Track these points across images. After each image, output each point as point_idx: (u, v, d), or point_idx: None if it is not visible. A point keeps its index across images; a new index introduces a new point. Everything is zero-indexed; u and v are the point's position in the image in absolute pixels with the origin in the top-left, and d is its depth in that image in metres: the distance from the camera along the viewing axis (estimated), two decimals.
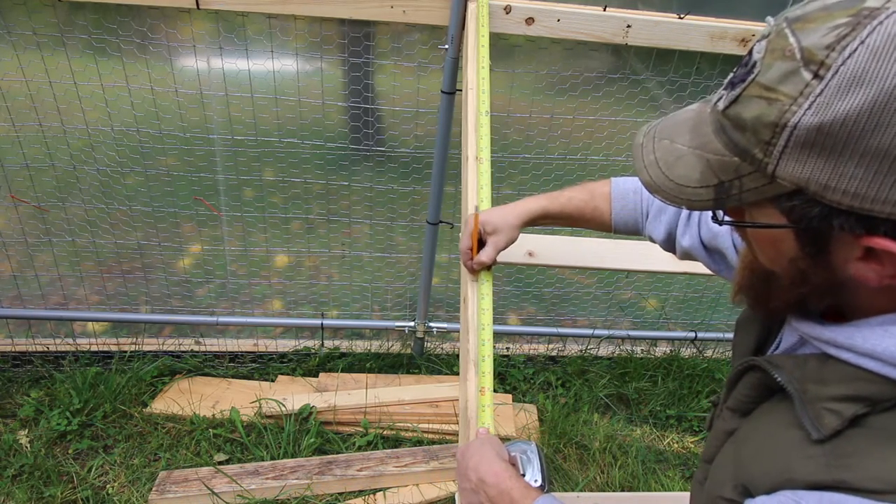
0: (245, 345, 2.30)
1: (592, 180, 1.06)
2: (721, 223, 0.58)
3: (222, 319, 2.20)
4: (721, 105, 0.51)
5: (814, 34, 0.44)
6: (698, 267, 1.48)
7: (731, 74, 0.51)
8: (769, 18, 0.50)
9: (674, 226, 0.95)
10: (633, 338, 2.45)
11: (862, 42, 0.42)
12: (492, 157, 1.35)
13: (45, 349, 2.18)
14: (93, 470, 1.85)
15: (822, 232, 0.49)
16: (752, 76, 0.47)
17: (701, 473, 0.73)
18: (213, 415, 2.04)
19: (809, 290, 0.55)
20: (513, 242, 1.08)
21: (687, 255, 0.95)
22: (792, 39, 0.45)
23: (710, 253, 0.90)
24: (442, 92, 1.71)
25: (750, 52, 0.50)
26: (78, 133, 1.84)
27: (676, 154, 0.55)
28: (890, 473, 0.48)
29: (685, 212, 0.92)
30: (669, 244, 0.97)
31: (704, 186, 0.53)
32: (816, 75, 0.43)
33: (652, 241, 1.00)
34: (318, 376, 2.22)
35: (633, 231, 1.03)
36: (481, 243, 1.09)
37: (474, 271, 1.14)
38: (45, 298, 2.14)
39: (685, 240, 0.92)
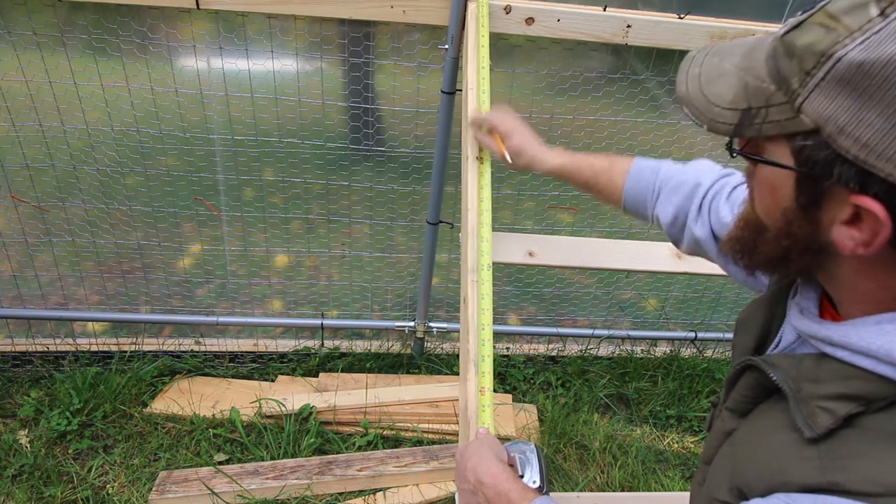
0: (245, 345, 2.30)
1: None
2: (732, 152, 0.57)
3: (222, 319, 2.20)
4: (782, 31, 0.50)
5: None
6: (698, 267, 1.48)
7: (802, 11, 0.52)
8: None
9: (684, 210, 0.93)
10: (633, 338, 2.45)
11: None
12: (492, 157, 1.35)
13: (45, 349, 2.18)
14: (93, 470, 1.85)
15: (819, 182, 0.49)
16: (823, 3, 0.46)
17: (700, 475, 0.72)
18: (213, 415, 2.04)
19: (791, 244, 0.55)
20: (524, 143, 1.12)
21: (695, 246, 0.92)
22: None
23: (719, 243, 0.88)
24: (442, 92, 1.71)
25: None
26: (78, 133, 1.84)
27: (720, 72, 0.55)
28: (883, 475, 0.47)
29: (697, 198, 0.90)
30: (676, 228, 0.95)
31: (732, 109, 0.53)
32: (883, 13, 0.42)
33: (658, 223, 0.99)
34: (318, 376, 2.22)
35: (640, 210, 1.01)
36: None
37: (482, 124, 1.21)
38: (45, 298, 2.14)
39: (697, 228, 0.89)
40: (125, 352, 2.20)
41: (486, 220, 1.27)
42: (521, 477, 0.83)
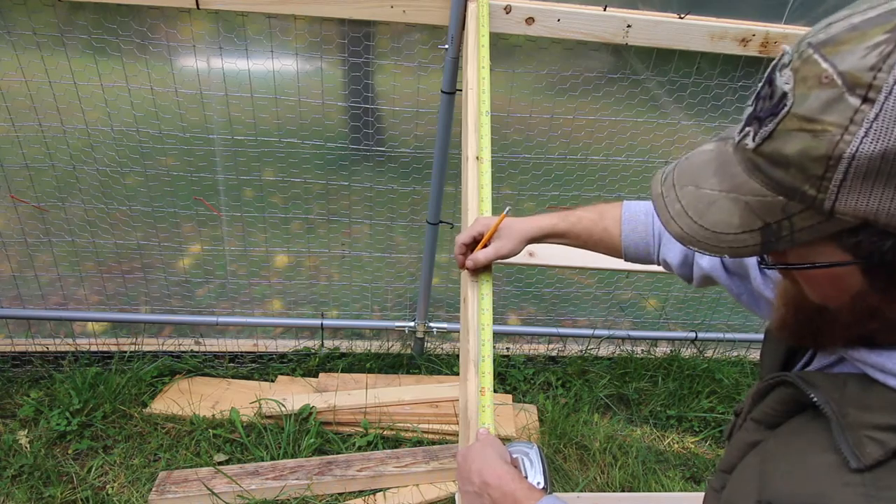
0: (245, 345, 2.30)
1: (607, 202, 1.03)
2: (770, 268, 0.54)
3: (222, 319, 2.20)
4: (751, 142, 0.47)
5: (850, 56, 0.41)
6: None
7: (752, 108, 0.48)
8: (785, 47, 0.47)
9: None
10: (633, 338, 2.45)
11: None
12: (492, 157, 1.35)
13: (45, 349, 2.17)
14: (93, 470, 1.85)
15: (894, 265, 0.45)
16: (786, 108, 0.44)
17: (718, 482, 0.71)
18: (213, 415, 2.04)
19: (881, 325, 0.51)
20: (515, 255, 1.05)
21: (706, 281, 0.90)
22: (825, 65, 0.42)
23: (732, 276, 0.85)
24: (442, 92, 1.71)
25: (770, 83, 0.46)
26: (78, 133, 1.84)
27: (706, 200, 0.51)
28: None
29: None
30: (686, 268, 0.92)
31: (748, 231, 0.49)
32: (866, 99, 0.40)
33: (667, 267, 0.95)
34: (318, 376, 2.22)
35: (644, 257, 0.97)
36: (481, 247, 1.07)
37: (466, 267, 1.11)
38: (45, 298, 2.14)
39: (704, 260, 0.87)
40: (125, 352, 2.19)
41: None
42: (525, 478, 0.83)
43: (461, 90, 1.61)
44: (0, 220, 1.99)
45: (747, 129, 0.49)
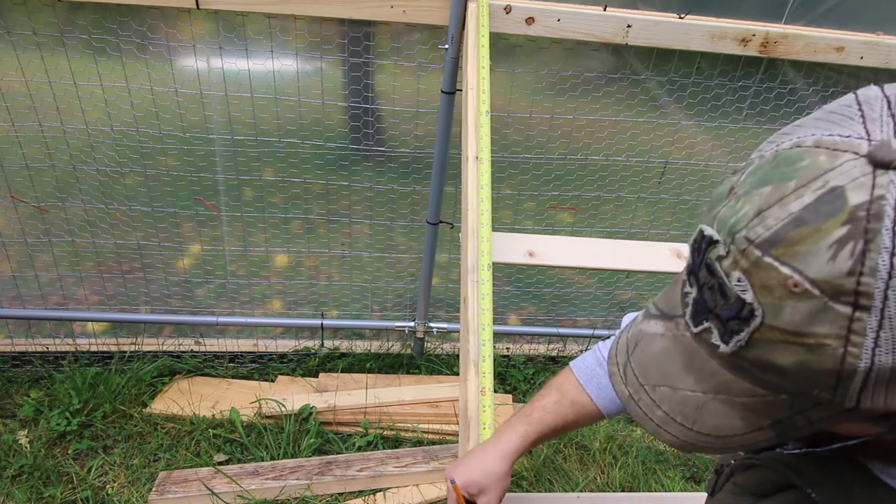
0: (245, 345, 2.30)
1: (552, 376, 0.93)
2: (793, 453, 0.48)
3: (222, 319, 2.20)
4: (724, 347, 0.40)
5: (814, 260, 0.34)
6: None
7: (696, 294, 0.41)
8: (706, 228, 0.40)
9: None
10: None
11: (893, 254, 0.32)
12: (492, 157, 1.35)
13: (45, 349, 2.17)
14: (92, 470, 1.85)
15: None
16: (757, 319, 0.37)
17: None
18: (213, 415, 2.04)
19: None
20: (507, 489, 0.91)
21: None
22: (787, 270, 0.35)
23: None
24: (442, 92, 1.71)
25: (710, 272, 0.39)
26: (78, 133, 1.83)
27: (692, 403, 0.44)
28: None
29: None
30: None
31: (756, 430, 0.42)
32: (857, 306, 0.33)
33: None
34: (318, 376, 2.22)
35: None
36: None
37: None
38: (45, 298, 2.14)
39: None
40: (125, 352, 2.19)
41: (486, 220, 1.27)
42: None
43: (461, 90, 1.61)
44: (0, 220, 1.99)
45: (706, 323, 0.41)
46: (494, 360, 2.45)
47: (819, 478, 0.49)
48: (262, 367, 2.29)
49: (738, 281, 0.37)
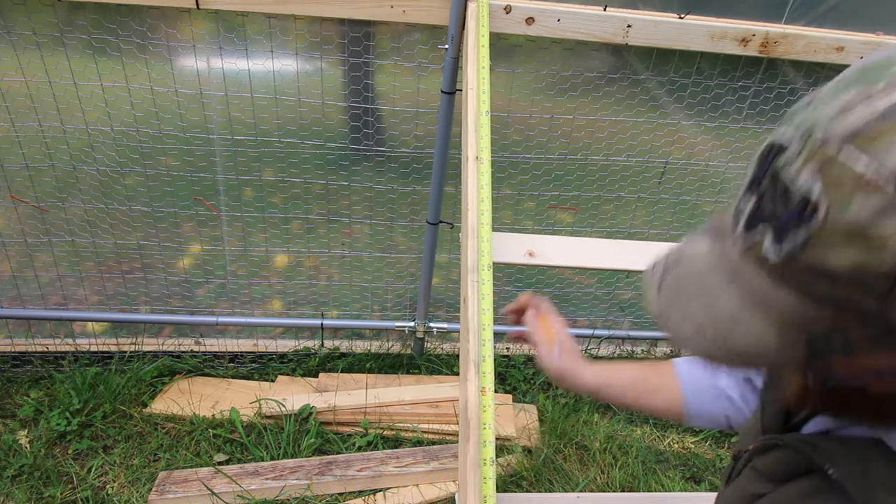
0: (245, 345, 2.30)
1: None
2: (822, 383, 0.47)
3: (222, 319, 2.20)
4: (774, 256, 0.40)
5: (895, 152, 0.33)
6: None
7: (754, 204, 0.41)
8: (780, 134, 0.40)
9: None
10: (633, 338, 2.45)
11: None
12: (492, 157, 1.35)
13: (45, 349, 2.17)
14: (92, 470, 1.85)
15: None
16: (819, 217, 0.36)
17: None
18: (213, 415, 2.04)
19: None
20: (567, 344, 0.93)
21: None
22: (864, 162, 0.34)
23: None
24: (442, 92, 1.71)
25: (774, 178, 0.39)
26: (78, 133, 1.83)
27: (726, 320, 0.44)
28: None
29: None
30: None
31: (789, 348, 0.42)
32: None
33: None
34: (318, 376, 2.22)
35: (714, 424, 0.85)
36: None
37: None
38: (45, 298, 2.14)
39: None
40: (125, 352, 2.19)
41: (487, 220, 1.27)
42: None
43: (461, 90, 1.61)
44: (0, 220, 1.98)
45: (758, 229, 0.41)
46: (495, 360, 2.45)
47: (838, 455, 0.49)
48: (262, 367, 2.29)
49: (806, 180, 0.37)
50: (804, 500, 0.51)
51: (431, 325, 2.27)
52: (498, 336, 2.41)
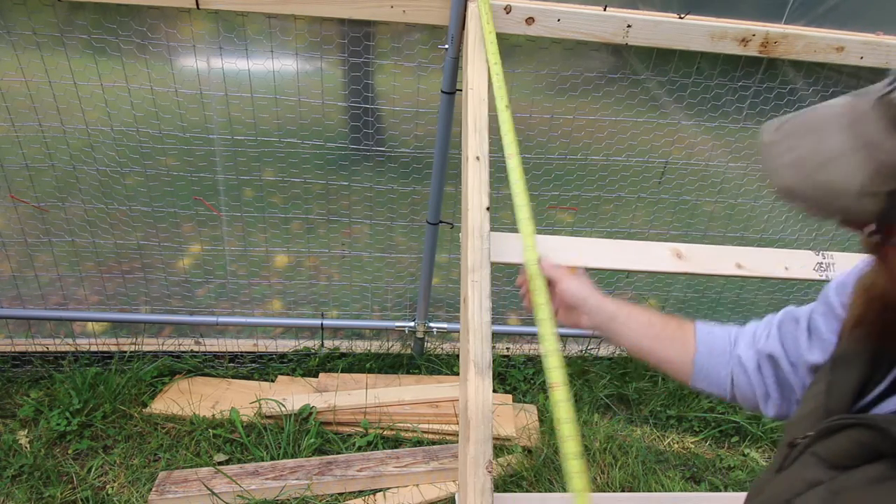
0: (245, 345, 2.30)
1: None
2: (879, 243, 0.48)
3: (222, 319, 2.20)
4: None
5: None
6: (698, 267, 1.48)
7: None
8: None
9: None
10: None
11: None
12: (491, 157, 1.35)
13: (45, 349, 2.17)
14: (92, 470, 1.85)
15: None
16: None
17: None
18: (213, 415, 2.04)
19: None
20: (580, 282, 0.96)
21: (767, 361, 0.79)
22: None
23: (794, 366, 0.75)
24: (442, 92, 1.71)
25: None
26: (78, 133, 1.84)
27: (826, 154, 0.46)
28: None
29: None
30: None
31: (871, 194, 0.45)
32: None
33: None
34: (318, 376, 2.22)
35: (720, 392, 0.85)
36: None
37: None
38: (45, 298, 2.14)
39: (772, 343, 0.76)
40: (125, 352, 2.19)
41: (525, 214, 1.24)
42: None
43: (461, 90, 1.61)
44: (0, 220, 1.99)
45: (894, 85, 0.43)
46: (495, 360, 2.46)
47: None
48: (262, 367, 2.29)
49: None
50: (872, 486, 0.50)
51: (431, 325, 2.27)
52: (498, 336, 2.41)
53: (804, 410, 0.65)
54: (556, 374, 0.94)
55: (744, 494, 0.71)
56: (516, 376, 2.34)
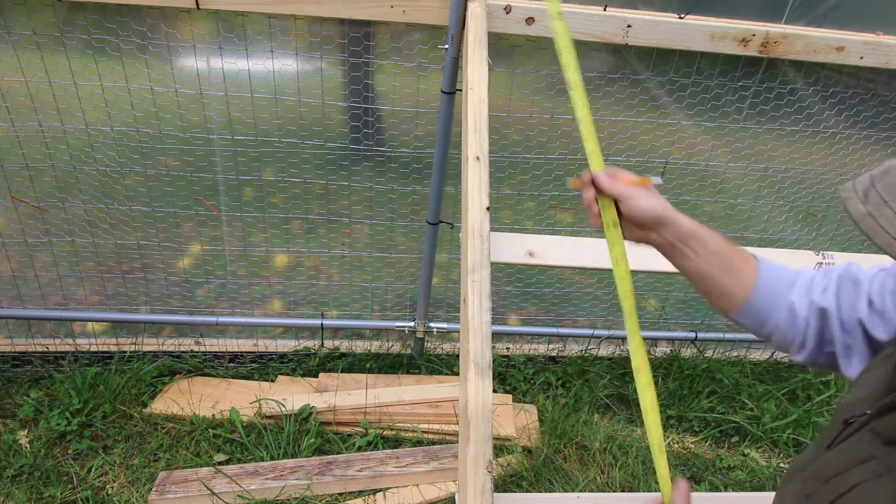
0: (245, 345, 2.30)
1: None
2: None
3: (222, 319, 2.20)
4: None
5: None
6: None
7: None
8: None
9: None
10: None
11: None
12: (492, 157, 1.35)
13: (45, 349, 2.17)
14: (92, 470, 1.85)
15: None
16: None
17: (808, 487, 0.65)
18: (213, 415, 2.04)
19: None
20: (644, 213, 0.92)
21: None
22: None
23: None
24: (442, 92, 1.71)
25: None
26: (78, 133, 1.84)
27: None
28: None
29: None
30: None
31: None
32: None
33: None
34: (318, 376, 2.22)
35: (762, 334, 0.83)
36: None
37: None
38: (45, 298, 2.14)
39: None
40: (125, 352, 2.19)
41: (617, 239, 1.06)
42: None
43: (461, 90, 1.61)
44: (0, 220, 1.99)
45: None
46: (495, 360, 2.46)
47: None
48: (262, 367, 2.29)
49: None
50: None
51: (431, 325, 2.27)
52: (498, 336, 2.41)
53: (865, 391, 0.64)
54: (639, 358, 0.88)
55: (744, 494, 0.71)
56: (516, 376, 2.34)
